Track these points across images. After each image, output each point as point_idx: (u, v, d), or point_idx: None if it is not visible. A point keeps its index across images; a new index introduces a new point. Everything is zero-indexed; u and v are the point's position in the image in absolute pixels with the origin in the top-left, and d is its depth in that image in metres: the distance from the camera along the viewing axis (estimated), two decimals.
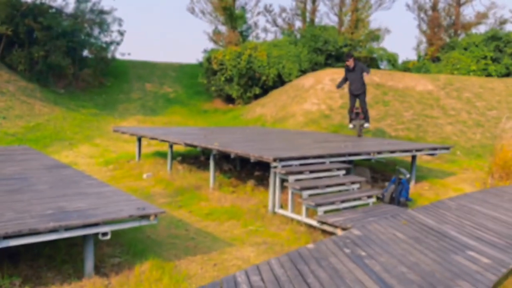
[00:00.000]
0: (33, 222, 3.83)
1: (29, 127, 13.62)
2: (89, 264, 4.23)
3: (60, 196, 4.82)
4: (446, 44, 23.87)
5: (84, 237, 4.18)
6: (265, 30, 33.46)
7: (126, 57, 23.63)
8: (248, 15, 25.22)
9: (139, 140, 10.99)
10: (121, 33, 22.34)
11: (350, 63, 10.15)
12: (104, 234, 4.05)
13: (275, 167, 6.68)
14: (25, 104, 15.43)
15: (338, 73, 19.10)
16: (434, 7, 26.24)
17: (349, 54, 10.36)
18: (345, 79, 10.59)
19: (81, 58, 21.29)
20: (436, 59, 23.71)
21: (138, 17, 55.30)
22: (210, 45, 28.55)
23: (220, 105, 22.02)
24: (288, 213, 6.65)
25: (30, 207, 4.33)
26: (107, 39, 22.08)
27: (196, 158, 11.34)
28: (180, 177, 9.27)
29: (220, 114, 20.56)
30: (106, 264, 4.58)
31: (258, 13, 30.11)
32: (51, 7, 20.30)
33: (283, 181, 6.80)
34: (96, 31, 21.47)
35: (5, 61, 18.66)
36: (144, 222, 4.35)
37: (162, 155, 11.50)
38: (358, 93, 10.41)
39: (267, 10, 27.06)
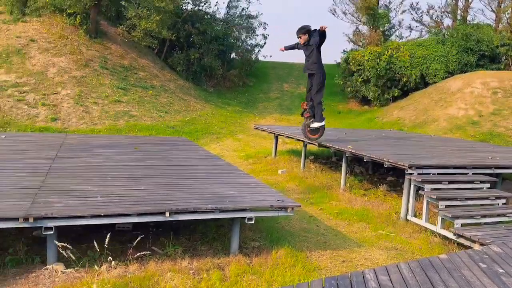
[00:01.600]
0: (196, 202, 4.66)
1: (185, 121, 15.64)
2: (235, 243, 4.95)
3: (215, 183, 5.67)
4: None
5: (233, 219, 4.90)
6: (410, 28, 31.77)
7: (268, 59, 25.13)
8: (392, 14, 24.44)
9: (276, 138, 11.77)
10: (265, 37, 23.83)
11: (304, 39, 7.91)
12: (250, 219, 4.69)
13: (411, 174, 6.62)
14: (183, 100, 17.70)
15: (491, 76, 17.31)
16: None
17: (302, 28, 7.89)
18: (293, 47, 8.27)
19: (229, 60, 23.37)
20: None
21: (278, 19, 57.64)
22: (349, 46, 28.41)
23: (355, 106, 21.87)
24: (422, 222, 6.53)
25: (192, 190, 5.23)
26: (252, 42, 23.80)
27: (327, 159, 11.67)
28: (312, 176, 9.72)
29: (354, 116, 20.45)
30: (248, 245, 5.26)
31: (403, 12, 28.86)
32: (206, 13, 22.75)
33: (418, 189, 6.69)
34: (243, 35, 23.31)
35: (167, 62, 21.61)
36: (282, 213, 4.88)
37: (296, 153, 12.12)
38: (311, 73, 8.10)
39: (413, 8, 25.78)
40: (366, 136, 11.11)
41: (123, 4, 19.54)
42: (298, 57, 61.24)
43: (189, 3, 22.72)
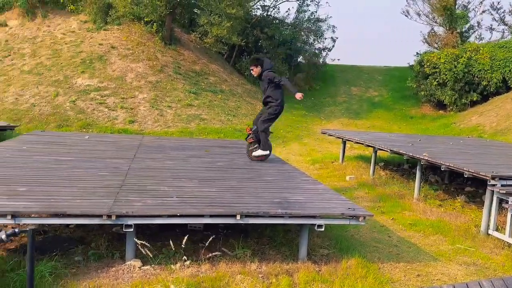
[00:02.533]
0: (265, 207, 4.69)
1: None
2: (303, 250, 4.90)
3: (283, 188, 5.67)
4: None
5: (301, 226, 4.86)
6: (491, 29, 29.56)
7: (336, 62, 24.72)
8: (471, 14, 22.91)
9: (344, 143, 11.52)
10: (334, 40, 23.49)
11: (256, 71, 7.09)
12: (319, 226, 4.62)
13: (494, 185, 6.13)
14: (250, 104, 17.98)
15: None
16: None
17: (253, 59, 7.36)
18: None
19: (296, 64, 23.34)
20: None
21: (347, 22, 56.57)
22: (424, 48, 27.10)
23: (428, 111, 20.78)
24: (505, 237, 6.02)
25: (261, 194, 5.27)
26: (320, 45, 23.57)
27: (399, 166, 11.19)
28: (383, 183, 9.37)
29: (428, 121, 19.44)
30: (316, 253, 5.19)
31: (483, 12, 26.88)
32: (275, 18, 22.93)
33: (501, 201, 6.18)
34: (311, 39, 23.17)
35: (236, 67, 22.08)
36: (353, 222, 4.75)
37: (364, 159, 11.76)
38: (266, 103, 7.25)
39: (494, 8, 23.96)
40: (442, 143, 10.49)
41: (196, 11, 20.30)
42: (368, 60, 59.65)
43: (258, 9, 23.10)
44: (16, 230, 2.54)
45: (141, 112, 14.52)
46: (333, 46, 24.02)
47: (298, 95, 6.83)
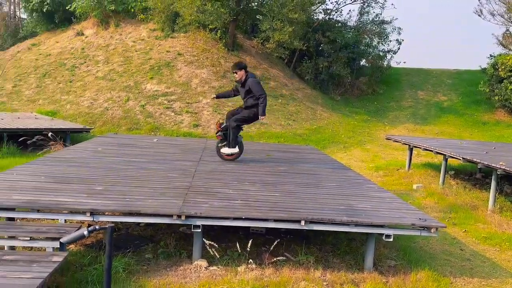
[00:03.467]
0: (330, 213, 4.62)
1: (312, 129, 15.72)
2: (369, 260, 4.75)
3: (347, 195, 5.55)
4: None
5: (367, 235, 4.71)
6: None
7: (401, 65, 23.83)
8: None
9: (411, 149, 11.04)
10: (399, 42, 22.66)
11: (239, 75, 6.99)
12: (387, 236, 4.46)
13: None
14: (310, 109, 17.85)
15: None
16: None
17: (237, 65, 7.14)
18: (234, 91, 7.47)
19: (358, 68, 22.81)
20: None
21: (414, 23, 54.34)
22: (497, 50, 25.34)
23: (503, 117, 19.37)
24: None
25: (324, 200, 5.20)
26: (385, 48, 22.84)
27: (471, 175, 10.52)
28: (453, 193, 8.85)
29: (502, 128, 18.12)
30: (383, 263, 5.00)
31: None
32: (337, 21, 22.60)
33: None
34: (375, 41, 22.54)
35: (296, 71, 22.03)
36: (424, 233, 4.53)
37: (433, 167, 11.19)
38: (245, 107, 7.17)
39: None
40: None
41: (258, 17, 20.58)
42: (436, 62, 56.86)
43: (320, 12, 22.91)
44: (97, 227, 2.70)
45: (205, 117, 14.95)
46: (399, 48, 23.19)
47: (262, 117, 6.98)
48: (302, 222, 4.41)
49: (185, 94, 15.82)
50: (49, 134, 9.28)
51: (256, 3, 19.52)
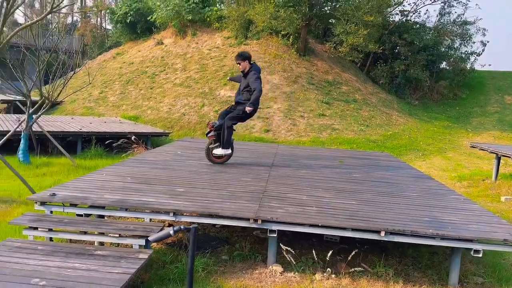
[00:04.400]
0: (412, 225, 4.39)
1: (387, 136, 15.13)
2: (454, 275, 4.44)
3: (430, 206, 5.25)
4: None
5: (453, 249, 4.41)
6: None
7: (485, 68, 22.17)
8: None
9: (499, 159, 10.20)
10: (484, 44, 21.12)
11: (243, 66, 6.74)
12: (476, 251, 4.14)
13: None
14: (384, 114, 17.21)
15: None
16: None
17: (241, 55, 6.76)
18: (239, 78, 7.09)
19: (438, 71, 21.59)
20: None
21: (501, 24, 50.28)
22: None
23: None
24: None
25: (406, 211, 4.95)
26: (468, 50, 21.41)
27: None
28: None
29: None
30: (469, 280, 4.65)
31: None
32: (415, 23, 21.60)
33: None
34: (456, 43, 21.21)
35: (370, 75, 21.40)
36: None
37: None
38: (236, 102, 6.96)
39: None
40: None
41: (331, 21, 20.33)
42: None
43: (397, 14, 22.07)
44: (182, 227, 2.80)
45: (275, 122, 15.05)
46: (483, 50, 21.61)
47: (248, 108, 6.54)
48: (382, 233, 4.24)
49: None
50: (133, 137, 9.91)
51: (329, 7, 19.31)
